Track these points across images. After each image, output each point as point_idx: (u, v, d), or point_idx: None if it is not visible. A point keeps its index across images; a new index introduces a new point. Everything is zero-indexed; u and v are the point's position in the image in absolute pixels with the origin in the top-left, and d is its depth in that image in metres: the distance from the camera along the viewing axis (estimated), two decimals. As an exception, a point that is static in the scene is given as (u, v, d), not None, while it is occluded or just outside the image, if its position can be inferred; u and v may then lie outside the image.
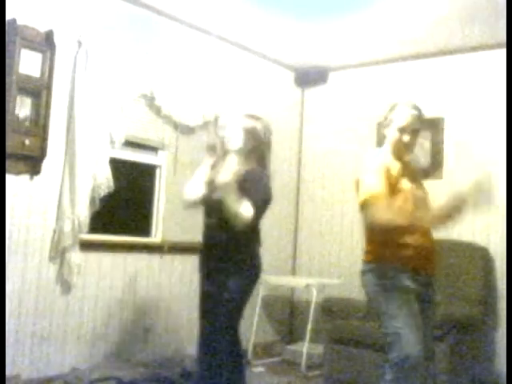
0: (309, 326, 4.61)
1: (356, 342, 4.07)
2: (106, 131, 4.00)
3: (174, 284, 4.49)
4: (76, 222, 3.80)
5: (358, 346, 4.06)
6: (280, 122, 5.43)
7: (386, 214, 2.62)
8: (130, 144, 4.30)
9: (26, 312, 3.66)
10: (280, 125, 5.42)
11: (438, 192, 2.82)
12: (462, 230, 4.59)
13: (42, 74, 3.63)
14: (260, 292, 4.83)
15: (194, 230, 2.98)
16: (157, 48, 4.31)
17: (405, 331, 2.60)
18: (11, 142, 3.45)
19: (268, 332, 5.28)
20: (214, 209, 2.87)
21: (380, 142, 4.75)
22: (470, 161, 4.64)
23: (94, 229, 4.01)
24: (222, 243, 2.87)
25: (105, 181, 3.94)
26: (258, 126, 3.01)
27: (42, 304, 3.74)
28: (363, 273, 2.79)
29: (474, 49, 4.72)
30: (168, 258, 4.47)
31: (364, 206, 2.68)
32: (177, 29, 4.52)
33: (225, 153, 2.88)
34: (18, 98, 3.54)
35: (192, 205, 3.01)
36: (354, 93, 5.39)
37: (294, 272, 5.57)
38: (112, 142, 4.03)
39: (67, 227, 3.77)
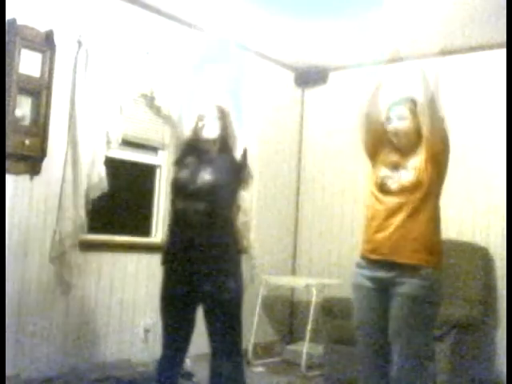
0: (309, 326, 4.61)
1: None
2: (109, 131, 4.00)
3: (174, 284, 4.49)
4: (78, 222, 3.81)
5: (358, 346, 4.06)
6: (280, 122, 5.45)
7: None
8: (130, 144, 4.30)
9: (26, 312, 3.66)
10: (280, 125, 5.44)
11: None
12: (462, 230, 4.60)
13: (42, 74, 3.63)
14: (260, 292, 4.83)
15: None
16: (157, 48, 4.31)
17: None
18: (11, 142, 3.45)
19: (268, 332, 5.28)
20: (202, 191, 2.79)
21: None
22: (469, 161, 4.65)
23: (94, 229, 4.02)
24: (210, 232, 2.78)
25: (98, 181, 3.90)
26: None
27: (42, 304, 3.75)
28: None
29: (473, 49, 4.72)
30: (168, 257, 4.46)
31: None
32: (177, 29, 4.52)
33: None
34: (18, 98, 3.54)
35: None
36: (353, 93, 5.38)
37: (294, 272, 5.57)
38: (109, 142, 4.01)
39: (69, 227, 3.77)
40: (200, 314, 2.89)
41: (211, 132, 2.89)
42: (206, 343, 2.88)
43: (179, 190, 2.86)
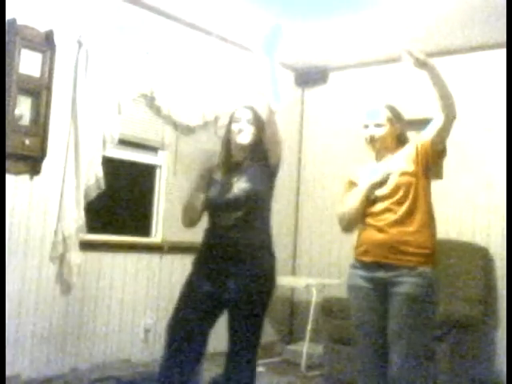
0: (309, 326, 4.61)
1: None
2: (105, 131, 3.99)
3: (174, 284, 4.48)
4: (79, 222, 3.81)
5: (358, 345, 4.06)
6: (280, 122, 5.44)
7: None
8: (130, 144, 4.30)
9: (26, 312, 3.66)
10: (280, 125, 5.43)
11: (438, 192, 2.81)
12: (462, 230, 4.60)
13: (42, 74, 3.63)
14: (260, 292, 4.82)
15: (193, 229, 2.97)
16: (157, 48, 4.31)
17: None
18: (11, 142, 3.45)
19: (268, 332, 5.27)
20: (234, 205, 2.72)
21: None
22: (469, 161, 4.65)
23: (94, 229, 4.02)
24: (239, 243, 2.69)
25: (95, 182, 3.90)
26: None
27: (42, 304, 3.75)
28: None
29: (473, 49, 4.72)
30: (168, 257, 4.47)
31: None
32: (177, 29, 4.52)
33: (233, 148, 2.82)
34: (18, 98, 3.54)
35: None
36: (354, 93, 5.38)
37: (294, 272, 5.57)
38: (107, 142, 4.01)
39: (70, 227, 3.77)
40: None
41: (247, 137, 2.80)
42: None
43: (215, 201, 2.76)
